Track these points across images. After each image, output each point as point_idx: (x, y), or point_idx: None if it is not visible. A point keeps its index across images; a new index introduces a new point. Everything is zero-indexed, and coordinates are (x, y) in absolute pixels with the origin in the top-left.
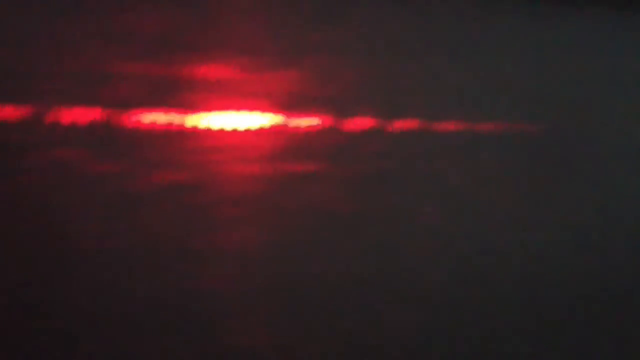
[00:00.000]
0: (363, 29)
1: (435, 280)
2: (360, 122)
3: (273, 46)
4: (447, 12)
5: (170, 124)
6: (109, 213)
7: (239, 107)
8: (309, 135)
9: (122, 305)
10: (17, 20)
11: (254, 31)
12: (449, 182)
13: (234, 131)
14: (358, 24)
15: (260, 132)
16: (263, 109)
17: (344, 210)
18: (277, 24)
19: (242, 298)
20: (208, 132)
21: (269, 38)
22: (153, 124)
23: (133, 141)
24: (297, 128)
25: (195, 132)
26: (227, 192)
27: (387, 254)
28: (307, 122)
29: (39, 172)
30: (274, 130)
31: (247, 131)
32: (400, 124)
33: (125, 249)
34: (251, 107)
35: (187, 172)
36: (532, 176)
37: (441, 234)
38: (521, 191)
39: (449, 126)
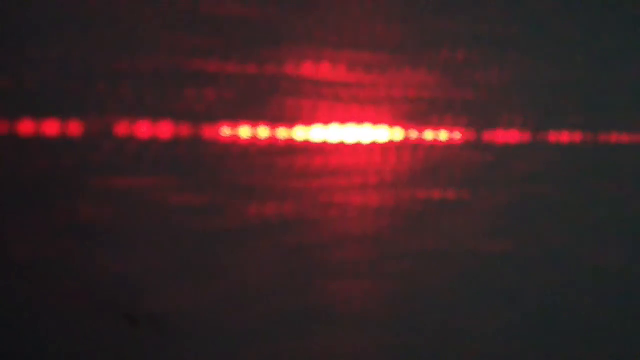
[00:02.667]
0: (515, 17)
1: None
2: (511, 135)
3: (399, 38)
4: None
5: (267, 141)
6: (188, 257)
7: (355, 118)
8: (446, 152)
9: None
10: (72, 10)
11: (374, 19)
12: (625, 209)
13: (350, 150)
14: (508, 10)
15: (384, 150)
16: (386, 120)
17: (492, 249)
18: (404, 9)
19: None
20: (316, 151)
21: (394, 27)
22: (245, 140)
23: (220, 163)
24: (430, 144)
25: (299, 151)
26: (342, 229)
27: (551, 304)
28: (443, 135)
29: (105, 201)
30: (400, 148)
31: (366, 149)
32: (560, 136)
33: (209, 306)
34: (371, 118)
35: (291, 204)
36: None
37: (617, 274)
38: None
39: (622, 138)
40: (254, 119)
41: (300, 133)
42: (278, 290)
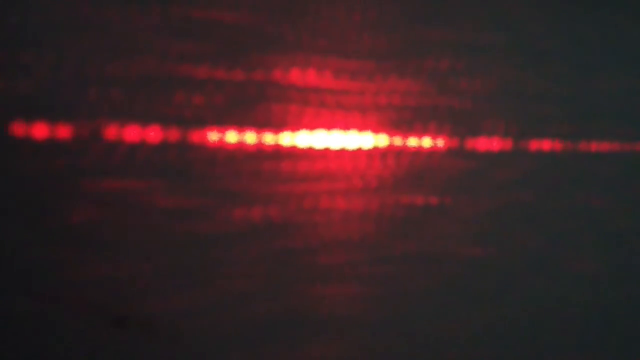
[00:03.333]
0: (500, 27)
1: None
2: (493, 142)
3: (385, 46)
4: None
5: (254, 146)
6: (176, 261)
7: (341, 125)
8: (430, 159)
9: None
10: (63, 15)
11: (361, 27)
12: (605, 217)
13: (336, 155)
14: (492, 20)
15: (369, 156)
16: (371, 126)
17: (475, 255)
18: (391, 18)
19: None
20: (302, 156)
21: (380, 35)
22: (232, 145)
23: (208, 168)
24: (414, 151)
25: (285, 156)
26: (327, 234)
27: (532, 309)
28: (427, 142)
29: (94, 204)
30: (385, 154)
31: (351, 155)
32: (542, 145)
33: (198, 310)
34: (356, 125)
35: (277, 209)
36: None
37: (597, 282)
38: None
39: (602, 147)
40: (242, 124)
41: (287, 139)
42: (265, 295)
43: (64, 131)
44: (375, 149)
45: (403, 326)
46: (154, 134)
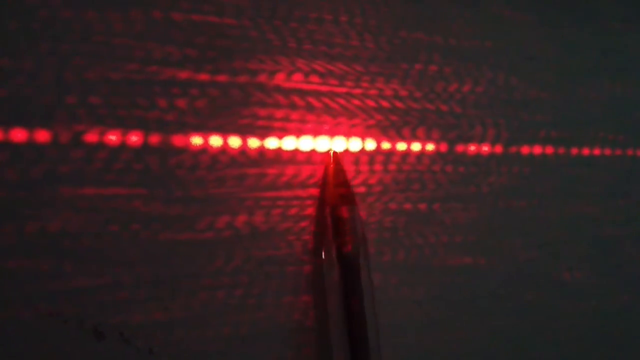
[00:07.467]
0: (490, 32)
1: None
2: (483, 148)
3: (373, 49)
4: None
5: (238, 151)
6: (157, 269)
7: (327, 129)
8: (419, 165)
9: None
10: (43, 20)
11: (348, 30)
12: (597, 224)
13: (322, 160)
14: (482, 25)
15: (356, 161)
16: (359, 131)
17: (464, 263)
18: (378, 21)
19: None
20: (288, 161)
21: (368, 39)
22: (216, 150)
23: (190, 173)
24: (403, 156)
25: (271, 162)
26: (313, 241)
27: (521, 319)
28: (416, 147)
29: (73, 211)
30: (372, 159)
31: (339, 160)
32: (533, 150)
33: (178, 320)
34: (344, 129)
35: (262, 215)
36: None
37: (589, 290)
38: None
39: (594, 152)
40: (225, 129)
41: (272, 143)
42: (249, 306)
43: (42, 136)
44: (363, 154)
45: (389, 337)
46: (135, 139)
